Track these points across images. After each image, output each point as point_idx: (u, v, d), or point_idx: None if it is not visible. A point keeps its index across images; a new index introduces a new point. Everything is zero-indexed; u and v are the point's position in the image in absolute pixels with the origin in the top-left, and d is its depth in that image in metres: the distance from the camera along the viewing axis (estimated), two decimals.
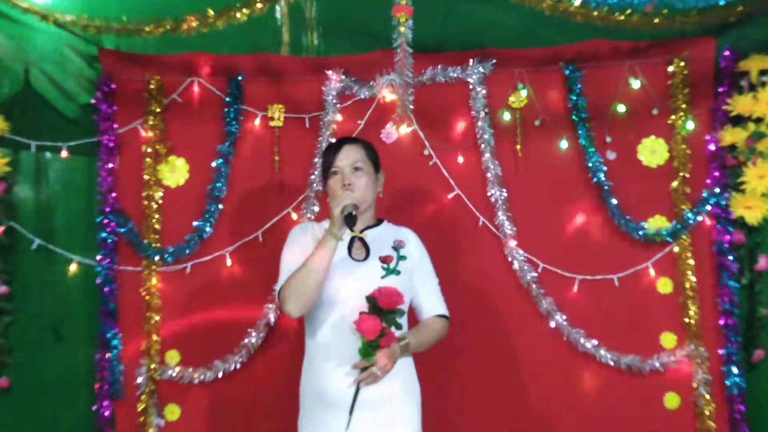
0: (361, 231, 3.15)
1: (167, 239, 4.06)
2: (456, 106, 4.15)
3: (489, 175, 4.08)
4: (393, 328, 2.92)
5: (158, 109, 4.10)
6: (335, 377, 2.99)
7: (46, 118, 4.04)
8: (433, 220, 4.09)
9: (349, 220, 2.92)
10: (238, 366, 3.98)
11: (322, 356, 3.06)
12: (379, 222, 3.29)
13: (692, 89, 4.04)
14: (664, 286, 4.02)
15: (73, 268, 4.02)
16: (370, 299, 2.91)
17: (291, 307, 3.00)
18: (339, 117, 4.12)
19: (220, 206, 4.08)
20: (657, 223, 4.03)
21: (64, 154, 4.03)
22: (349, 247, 3.16)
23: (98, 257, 4.01)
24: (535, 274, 4.03)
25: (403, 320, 3.05)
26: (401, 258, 3.14)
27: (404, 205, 4.05)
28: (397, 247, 3.16)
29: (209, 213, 4.05)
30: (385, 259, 3.09)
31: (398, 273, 3.10)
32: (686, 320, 3.98)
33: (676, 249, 4.02)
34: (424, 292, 3.25)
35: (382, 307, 2.89)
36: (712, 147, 4.02)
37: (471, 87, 4.11)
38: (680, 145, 4.04)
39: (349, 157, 3.18)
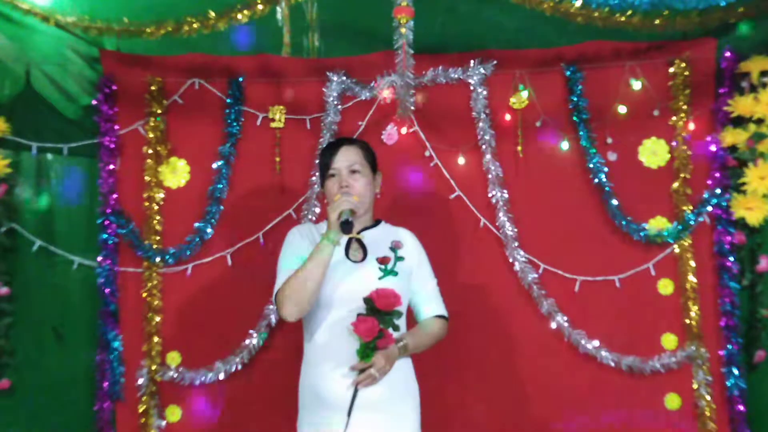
0: (359, 232, 3.16)
1: (168, 240, 4.07)
2: (457, 107, 4.14)
3: (490, 176, 4.08)
4: (390, 330, 2.93)
5: (159, 111, 4.10)
6: (333, 379, 2.99)
7: (47, 119, 4.04)
8: (434, 221, 4.08)
9: (346, 227, 2.92)
10: (239, 367, 3.99)
11: (320, 358, 3.06)
12: (376, 223, 3.29)
13: (693, 90, 4.04)
14: (665, 287, 4.01)
15: (74, 269, 4.03)
16: (368, 301, 2.91)
17: (287, 311, 3.01)
18: (340, 118, 4.12)
19: (221, 207, 4.08)
20: (658, 224, 4.03)
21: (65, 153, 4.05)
22: (347, 248, 3.16)
23: (99, 258, 4.02)
24: (536, 275, 4.03)
25: (401, 321, 3.05)
26: (399, 259, 3.15)
27: (405, 206, 4.05)
28: (395, 248, 3.17)
29: (210, 214, 4.06)
30: (382, 261, 3.10)
31: (396, 274, 3.10)
32: (687, 321, 3.97)
33: (677, 250, 4.02)
34: (423, 293, 3.25)
35: (379, 309, 2.89)
36: (713, 148, 4.02)
37: (472, 88, 4.11)
38: (681, 146, 4.04)
39: (346, 158, 3.18)
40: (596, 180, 4.04)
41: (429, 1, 3.32)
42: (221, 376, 3.98)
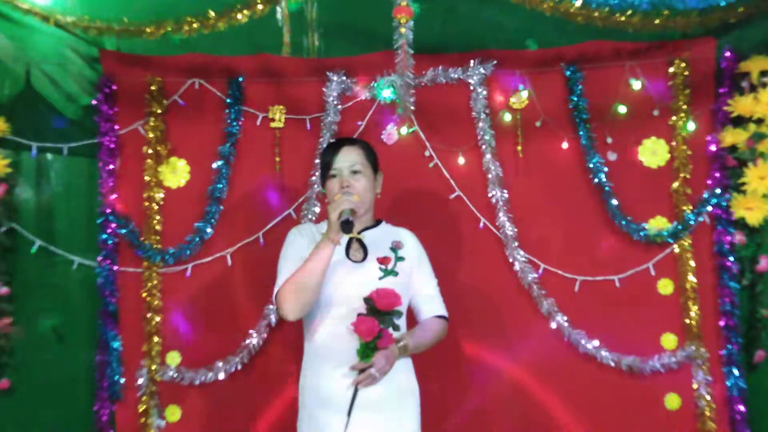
0: (359, 232, 3.17)
1: (168, 240, 4.06)
2: (457, 107, 4.14)
3: (490, 176, 4.08)
4: (390, 330, 2.93)
5: (159, 110, 4.10)
6: (333, 379, 3.00)
7: (47, 119, 4.04)
8: (434, 221, 4.08)
9: (346, 226, 2.92)
10: (239, 367, 3.98)
11: (320, 358, 3.07)
12: (377, 223, 3.30)
13: (693, 90, 4.04)
14: (665, 287, 4.01)
15: (74, 269, 4.02)
16: (368, 300, 2.92)
17: (288, 311, 3.02)
18: (340, 118, 4.12)
19: (221, 207, 4.07)
20: (658, 224, 4.03)
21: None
22: (347, 248, 3.17)
23: (99, 258, 4.01)
24: (536, 275, 4.03)
25: (402, 321, 3.06)
26: (399, 259, 3.15)
27: (405, 206, 4.04)
28: (395, 248, 3.17)
29: (210, 214, 4.05)
30: (382, 261, 3.10)
31: (396, 274, 3.11)
32: (687, 321, 3.97)
33: (676, 250, 4.01)
34: (423, 293, 3.26)
35: (379, 309, 2.90)
36: (712, 148, 4.02)
37: (472, 88, 4.11)
38: (681, 146, 4.04)
39: (347, 159, 3.18)
40: (596, 180, 4.04)
41: (429, 1, 3.32)
42: (221, 376, 3.98)
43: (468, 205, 4.10)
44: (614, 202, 4.01)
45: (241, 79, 4.14)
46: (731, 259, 3.96)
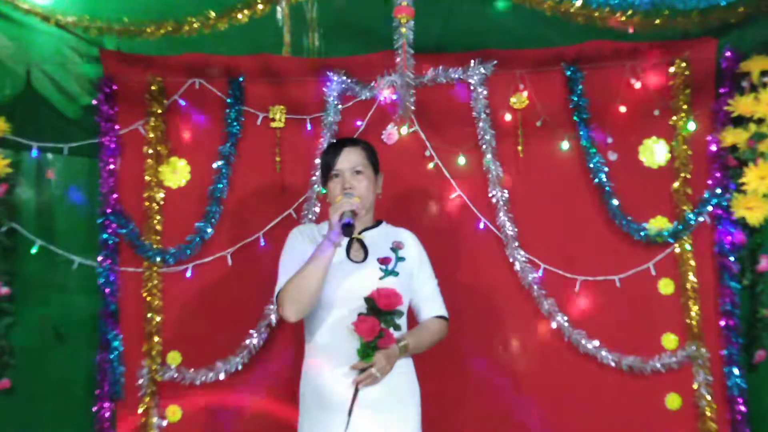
0: (360, 232, 3.17)
1: (168, 240, 4.07)
2: (457, 107, 4.14)
3: (490, 176, 4.08)
4: (391, 329, 2.93)
5: (159, 110, 4.10)
6: (334, 378, 2.99)
7: (48, 119, 4.04)
8: (434, 221, 4.09)
9: (347, 230, 2.91)
10: (240, 367, 3.98)
11: (321, 357, 3.06)
12: (377, 223, 3.30)
13: (693, 90, 4.04)
14: (666, 286, 4.01)
15: (74, 269, 4.02)
16: (369, 300, 2.92)
17: (289, 312, 3.01)
18: (340, 118, 4.12)
19: (222, 207, 4.08)
20: (658, 224, 4.03)
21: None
22: (348, 248, 3.16)
23: (99, 258, 4.01)
24: (537, 275, 4.03)
25: (402, 321, 3.05)
26: (400, 259, 3.15)
27: (405, 206, 4.04)
28: (396, 248, 3.16)
29: (210, 214, 4.06)
30: (383, 261, 3.10)
31: (396, 274, 3.11)
32: (687, 321, 3.97)
33: (677, 250, 4.02)
34: (423, 294, 3.25)
35: (380, 308, 2.90)
36: (713, 148, 4.02)
37: (472, 88, 4.11)
38: (682, 145, 4.04)
39: (349, 160, 3.18)
40: (596, 180, 4.04)
41: (429, 1, 3.32)
42: (221, 376, 3.98)
43: (468, 205, 4.10)
44: (615, 201, 4.01)
45: (241, 79, 4.14)
46: (731, 259, 3.96)
